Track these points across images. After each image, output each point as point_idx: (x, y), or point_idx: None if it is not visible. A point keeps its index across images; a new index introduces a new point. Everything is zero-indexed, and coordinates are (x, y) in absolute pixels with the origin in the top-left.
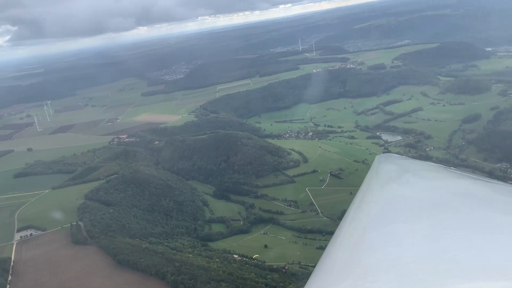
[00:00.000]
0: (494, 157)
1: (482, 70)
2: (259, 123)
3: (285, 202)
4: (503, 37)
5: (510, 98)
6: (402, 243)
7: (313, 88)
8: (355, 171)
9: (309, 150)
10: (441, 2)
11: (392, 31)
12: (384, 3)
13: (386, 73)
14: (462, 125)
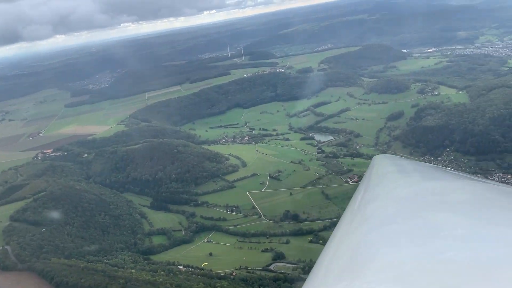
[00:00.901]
0: (418, 151)
1: (401, 70)
2: (194, 129)
3: (227, 208)
4: (415, 39)
5: (428, 96)
6: (399, 243)
7: (245, 93)
8: (293, 172)
9: (247, 154)
10: (359, 8)
11: (316, 36)
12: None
13: (314, 76)
14: (387, 123)
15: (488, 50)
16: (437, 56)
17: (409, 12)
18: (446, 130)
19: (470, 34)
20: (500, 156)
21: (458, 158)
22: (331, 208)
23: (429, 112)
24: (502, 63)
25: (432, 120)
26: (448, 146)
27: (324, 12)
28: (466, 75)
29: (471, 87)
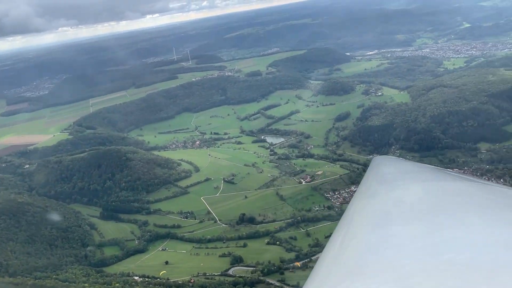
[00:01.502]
0: (366, 150)
1: (346, 72)
2: (142, 135)
3: (181, 214)
4: (357, 42)
5: (373, 96)
6: (399, 245)
7: (194, 97)
8: (247, 175)
9: (199, 159)
10: (302, 12)
11: (261, 40)
12: (249, 13)
13: (262, 79)
14: (335, 123)
15: (424, 52)
16: (378, 59)
17: (350, 17)
18: (391, 128)
19: (407, 37)
20: (442, 152)
21: (403, 155)
22: (286, 209)
23: (374, 112)
24: (438, 64)
25: (378, 119)
26: (394, 144)
27: (268, 17)
28: (406, 76)
29: (412, 87)
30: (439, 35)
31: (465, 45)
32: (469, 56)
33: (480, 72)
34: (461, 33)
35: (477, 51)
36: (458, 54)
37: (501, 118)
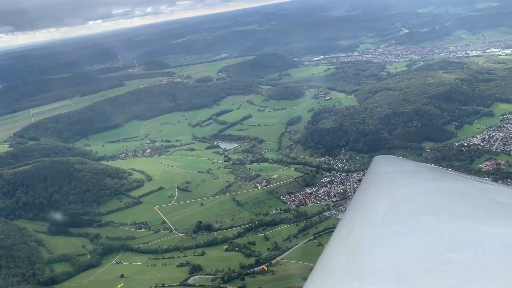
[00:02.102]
0: (318, 152)
1: (295, 77)
2: (89, 145)
3: (135, 225)
4: (304, 48)
5: (322, 100)
6: (400, 244)
7: (143, 104)
8: (202, 182)
9: (151, 168)
10: (248, 19)
11: (209, 46)
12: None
13: (213, 85)
14: (287, 127)
15: (368, 57)
16: (325, 64)
17: (296, 23)
18: (341, 131)
19: (351, 43)
20: (389, 152)
21: (354, 156)
22: (243, 215)
23: (324, 116)
24: (381, 69)
25: (328, 122)
26: (344, 145)
27: (215, 23)
28: (352, 80)
29: (358, 91)
30: (381, 41)
31: (405, 50)
32: (410, 60)
33: (421, 75)
34: (401, 38)
35: (417, 55)
36: (399, 59)
37: (442, 118)
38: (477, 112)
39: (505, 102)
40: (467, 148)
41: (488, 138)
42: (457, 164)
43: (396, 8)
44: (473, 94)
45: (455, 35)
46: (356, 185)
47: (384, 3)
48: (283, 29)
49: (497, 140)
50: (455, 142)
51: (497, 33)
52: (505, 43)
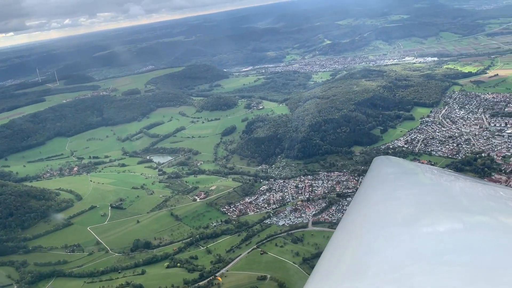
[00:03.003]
0: (255, 161)
1: (226, 88)
2: (8, 166)
3: (66, 248)
4: (232, 59)
5: (255, 110)
6: (400, 244)
7: (67, 120)
8: (137, 198)
9: (80, 187)
10: (174, 30)
11: (135, 58)
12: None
13: (142, 97)
14: (222, 138)
15: (294, 67)
16: (254, 74)
17: (223, 34)
18: (275, 139)
19: (278, 54)
20: (322, 157)
21: (290, 163)
22: (182, 229)
23: (258, 125)
24: (308, 78)
25: (262, 131)
26: (280, 153)
27: (139, 34)
28: (282, 89)
29: (289, 99)
30: (305, 51)
31: (329, 60)
32: (333, 70)
33: (346, 83)
34: (324, 49)
35: (340, 65)
36: (324, 68)
37: (369, 123)
38: (399, 116)
39: (423, 106)
40: (392, 150)
41: (410, 140)
42: None
43: (317, 20)
44: (394, 99)
45: (373, 45)
46: (294, 191)
47: (306, 15)
48: (210, 40)
49: (419, 142)
50: (381, 145)
51: (410, 42)
52: (417, 52)
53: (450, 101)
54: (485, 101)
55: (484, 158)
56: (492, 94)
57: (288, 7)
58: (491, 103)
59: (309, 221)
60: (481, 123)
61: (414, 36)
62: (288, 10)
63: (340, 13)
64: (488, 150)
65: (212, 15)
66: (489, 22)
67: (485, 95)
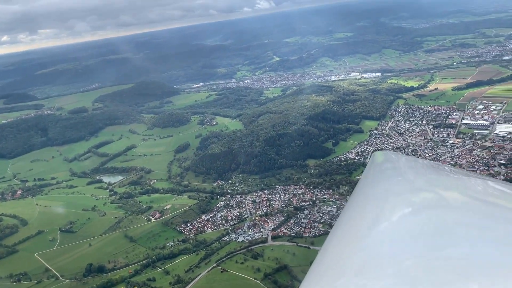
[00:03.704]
0: (211, 178)
1: (177, 105)
2: None
3: (12, 278)
4: (182, 75)
5: (208, 126)
6: (399, 240)
7: (8, 141)
8: (88, 220)
9: (25, 211)
10: (120, 47)
11: (80, 75)
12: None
13: (89, 116)
14: (176, 155)
15: (246, 83)
16: (206, 90)
17: (172, 51)
18: (230, 155)
19: (228, 70)
20: (278, 171)
21: (246, 179)
22: (138, 251)
23: (213, 141)
24: (260, 94)
25: (217, 147)
26: (235, 169)
27: (84, 52)
28: (235, 105)
29: (243, 115)
30: (255, 68)
31: (279, 76)
32: (284, 85)
33: (297, 98)
34: (273, 65)
35: (289, 81)
36: (274, 84)
37: (321, 137)
38: (349, 129)
39: (370, 120)
40: (345, 162)
41: (361, 152)
42: (339, 177)
43: (266, 38)
44: (344, 113)
45: (320, 62)
46: (251, 207)
47: (254, 33)
48: (159, 57)
49: (369, 154)
50: (334, 158)
51: (355, 59)
52: (362, 68)
53: (395, 114)
54: (428, 114)
55: None
56: (433, 106)
57: (236, 25)
58: (433, 115)
59: (269, 235)
60: (425, 134)
61: (358, 53)
62: (236, 28)
63: (287, 31)
64: (434, 159)
65: (160, 32)
66: (426, 39)
67: (427, 108)
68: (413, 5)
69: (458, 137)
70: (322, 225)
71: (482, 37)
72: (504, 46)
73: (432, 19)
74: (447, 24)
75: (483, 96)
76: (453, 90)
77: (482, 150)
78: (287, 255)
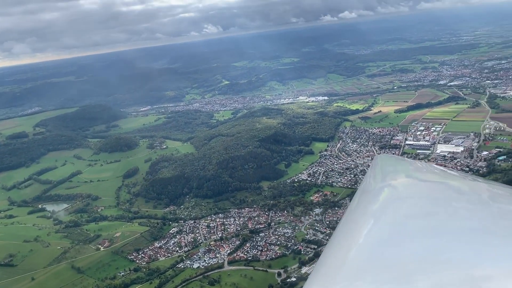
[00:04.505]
0: (162, 203)
1: (125, 129)
2: None
3: None
4: (129, 99)
5: (158, 150)
6: (400, 243)
7: None
8: (30, 252)
9: None
10: (63, 70)
11: (18, 99)
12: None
13: (30, 141)
14: (124, 181)
15: (195, 106)
16: (154, 114)
17: (118, 75)
18: (182, 179)
19: (177, 93)
20: (232, 194)
21: (199, 203)
22: (86, 282)
23: (163, 165)
24: (210, 117)
25: (168, 171)
26: (188, 193)
27: (23, 74)
28: (185, 128)
29: (194, 138)
30: (205, 91)
31: (228, 99)
32: (234, 109)
33: (248, 121)
34: (223, 89)
35: (239, 104)
36: (224, 107)
37: (273, 159)
38: (300, 151)
39: (320, 141)
40: (298, 183)
41: (313, 173)
42: (293, 199)
43: (215, 61)
44: (295, 135)
45: (269, 86)
46: (206, 232)
47: (202, 57)
48: (104, 80)
49: (320, 174)
50: (287, 179)
51: (302, 83)
52: (309, 92)
53: (343, 135)
54: (373, 135)
55: None
56: (378, 128)
57: (184, 49)
58: (378, 136)
59: (225, 260)
60: (372, 155)
61: (305, 77)
62: (184, 51)
63: (235, 55)
64: None
65: (104, 55)
66: (368, 65)
67: (372, 130)
68: (353, 33)
69: None
70: (278, 247)
71: (419, 63)
72: (439, 71)
73: (372, 46)
74: (387, 50)
75: (423, 118)
76: (396, 113)
77: None
78: (245, 279)
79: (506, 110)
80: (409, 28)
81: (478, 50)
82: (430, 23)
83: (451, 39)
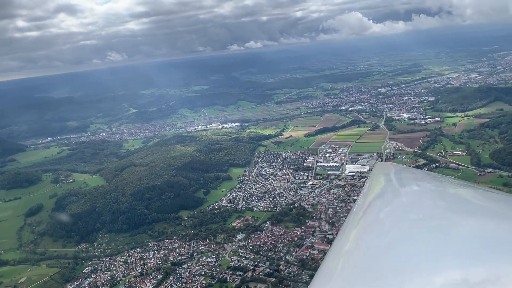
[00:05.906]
0: (72, 241)
1: (24, 162)
2: None
3: None
4: (26, 131)
5: (64, 184)
6: (401, 250)
7: None
8: None
9: None
10: None
11: None
12: None
13: None
14: (27, 219)
15: (101, 137)
16: (56, 146)
17: (12, 105)
18: (94, 213)
19: (80, 123)
20: (150, 227)
21: (114, 238)
22: None
23: (71, 200)
24: (119, 147)
25: (77, 207)
26: (101, 228)
27: None
28: (92, 160)
29: (103, 170)
30: (111, 120)
31: (138, 128)
32: (144, 137)
33: (161, 149)
34: (131, 117)
35: (150, 132)
36: (134, 136)
37: (191, 187)
38: (218, 177)
39: (237, 167)
40: (218, 210)
41: (232, 199)
42: (214, 226)
43: (120, 89)
44: (211, 162)
45: (180, 113)
46: (123, 268)
47: (107, 85)
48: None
49: (240, 200)
50: (207, 207)
51: (213, 110)
52: (222, 119)
53: (259, 160)
54: (287, 159)
55: (297, 208)
56: (291, 152)
57: (86, 77)
58: (292, 159)
59: None
60: (288, 177)
61: (216, 105)
62: (86, 80)
63: (142, 83)
64: (299, 200)
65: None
66: (275, 92)
67: (286, 153)
68: (259, 62)
69: (316, 179)
70: (204, 277)
71: (321, 90)
72: (340, 97)
73: (278, 74)
74: (291, 78)
75: (330, 141)
76: (305, 137)
77: (337, 188)
78: None
79: (401, 131)
80: (310, 57)
81: (372, 78)
82: (329, 53)
83: (348, 67)
